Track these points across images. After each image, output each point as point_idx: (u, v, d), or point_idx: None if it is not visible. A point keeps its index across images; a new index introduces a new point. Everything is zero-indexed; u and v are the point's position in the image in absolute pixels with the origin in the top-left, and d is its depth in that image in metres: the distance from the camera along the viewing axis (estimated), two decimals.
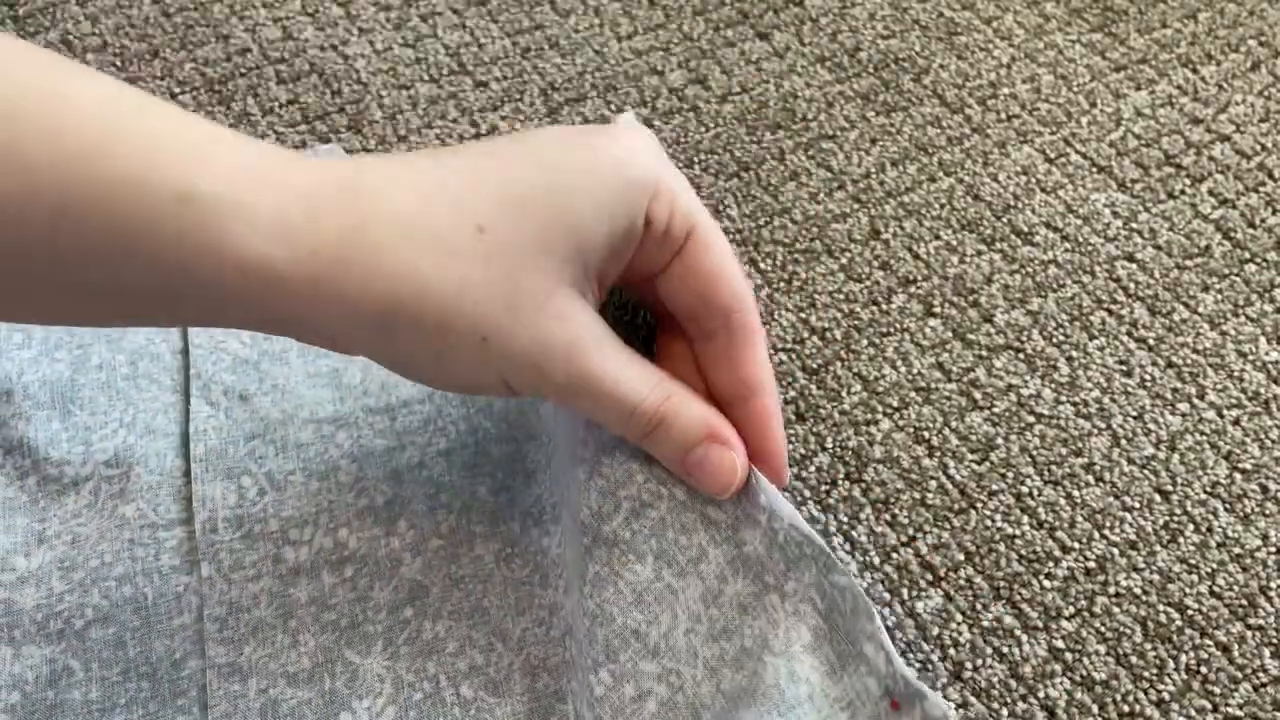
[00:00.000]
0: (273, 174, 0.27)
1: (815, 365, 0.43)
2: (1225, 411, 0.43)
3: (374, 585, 0.36)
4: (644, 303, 0.36)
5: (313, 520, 0.37)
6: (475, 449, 0.39)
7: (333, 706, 0.34)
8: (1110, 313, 0.46)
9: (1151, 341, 0.45)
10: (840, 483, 0.40)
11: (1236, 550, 0.39)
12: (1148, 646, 0.37)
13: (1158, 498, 0.40)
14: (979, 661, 0.36)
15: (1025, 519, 0.40)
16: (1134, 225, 0.49)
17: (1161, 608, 0.38)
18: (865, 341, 0.44)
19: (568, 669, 0.34)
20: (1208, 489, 0.41)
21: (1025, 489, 0.40)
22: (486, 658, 0.35)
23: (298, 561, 0.37)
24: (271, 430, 0.39)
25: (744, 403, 0.32)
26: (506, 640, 0.35)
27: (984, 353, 0.44)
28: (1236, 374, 0.44)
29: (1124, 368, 0.44)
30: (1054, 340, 0.45)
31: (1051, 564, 0.38)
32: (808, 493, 0.40)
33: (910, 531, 0.39)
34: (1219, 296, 0.46)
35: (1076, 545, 0.39)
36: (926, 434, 0.42)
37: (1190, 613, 0.38)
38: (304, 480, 0.38)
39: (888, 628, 0.36)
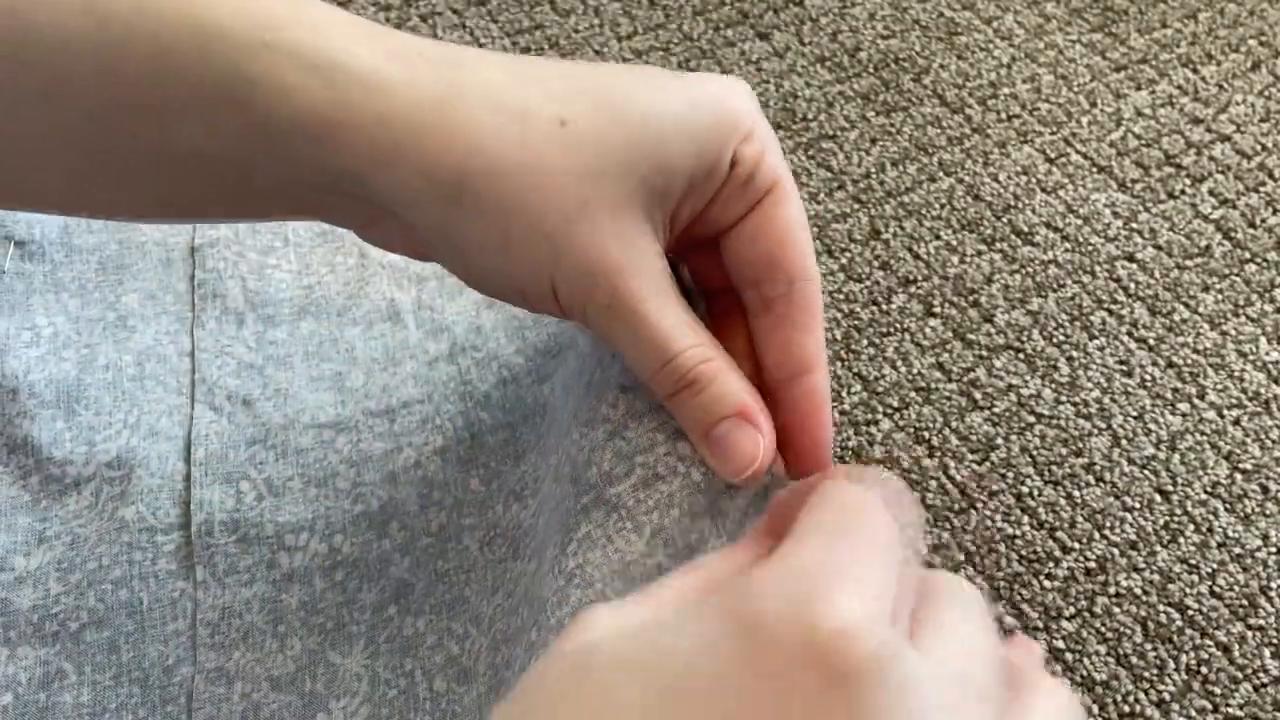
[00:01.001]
0: (372, 32, 0.27)
1: None
2: (1225, 411, 0.43)
3: (362, 587, 0.36)
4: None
5: (309, 526, 0.37)
6: (470, 442, 0.39)
7: (311, 708, 0.34)
8: (1110, 313, 0.46)
9: (1151, 341, 0.45)
10: None
11: (1237, 550, 0.39)
12: (1148, 646, 0.37)
13: (1158, 498, 0.40)
14: None
15: (1026, 519, 0.40)
16: (1134, 225, 0.49)
17: (1161, 608, 0.38)
18: (865, 341, 0.44)
19: (519, 634, 0.34)
20: (1208, 489, 0.40)
21: (1026, 489, 0.40)
22: (461, 646, 0.35)
23: (291, 567, 0.37)
24: (273, 435, 0.39)
25: (795, 381, 0.30)
26: (480, 623, 0.35)
27: (984, 353, 0.44)
28: (1236, 374, 0.44)
29: (1124, 368, 0.44)
30: (1054, 340, 0.45)
31: (1052, 564, 0.38)
32: None
33: None
34: (1219, 296, 0.46)
35: (1076, 545, 0.39)
36: (927, 434, 0.42)
37: (1190, 613, 0.37)
38: (302, 486, 0.38)
39: None
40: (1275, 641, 0.37)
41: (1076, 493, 0.40)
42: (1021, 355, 0.44)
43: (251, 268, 0.43)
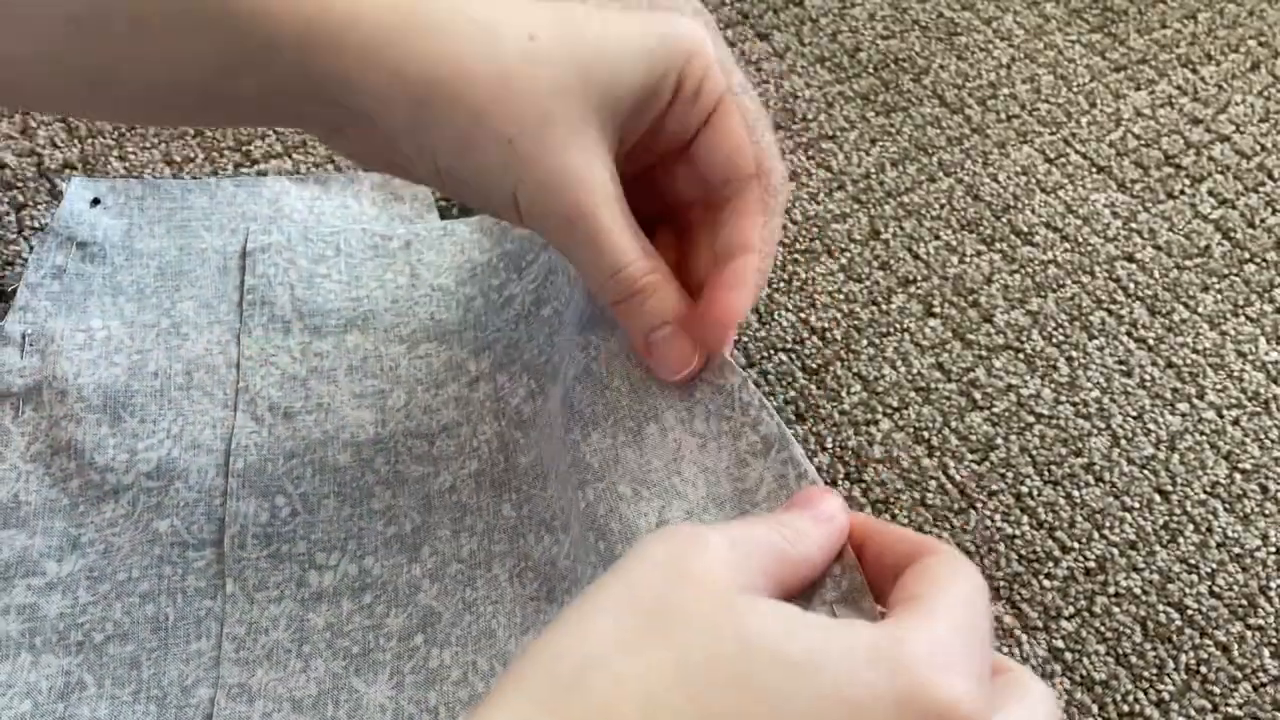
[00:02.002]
0: None
1: (815, 365, 0.43)
2: (1225, 411, 0.43)
3: (389, 612, 0.36)
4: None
5: (340, 546, 0.37)
6: (505, 465, 0.39)
7: None
8: (1110, 313, 0.46)
9: (1151, 341, 0.45)
10: (840, 483, 0.40)
11: (1236, 550, 0.39)
12: (1147, 646, 0.37)
13: (1157, 498, 0.40)
14: None
15: (1025, 519, 0.40)
16: (1134, 225, 0.49)
17: (1161, 608, 0.38)
18: (865, 341, 0.44)
19: None
20: (1207, 489, 0.41)
21: (1025, 489, 0.40)
22: (487, 684, 0.35)
23: (321, 586, 0.36)
24: (311, 450, 0.39)
25: (727, 260, 0.32)
26: (506, 662, 0.35)
27: (984, 353, 0.44)
28: (1236, 374, 0.44)
29: (1124, 368, 0.44)
30: (1054, 340, 0.45)
31: (1051, 564, 0.38)
32: None
33: None
34: (1219, 296, 0.46)
35: (1076, 545, 0.39)
36: (926, 434, 0.42)
37: (1190, 613, 0.38)
38: (337, 505, 0.38)
39: None
40: (1275, 641, 0.37)
41: (1076, 492, 0.40)
42: (1021, 355, 0.44)
43: (301, 275, 0.43)
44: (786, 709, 0.20)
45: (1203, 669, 0.36)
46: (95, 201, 0.45)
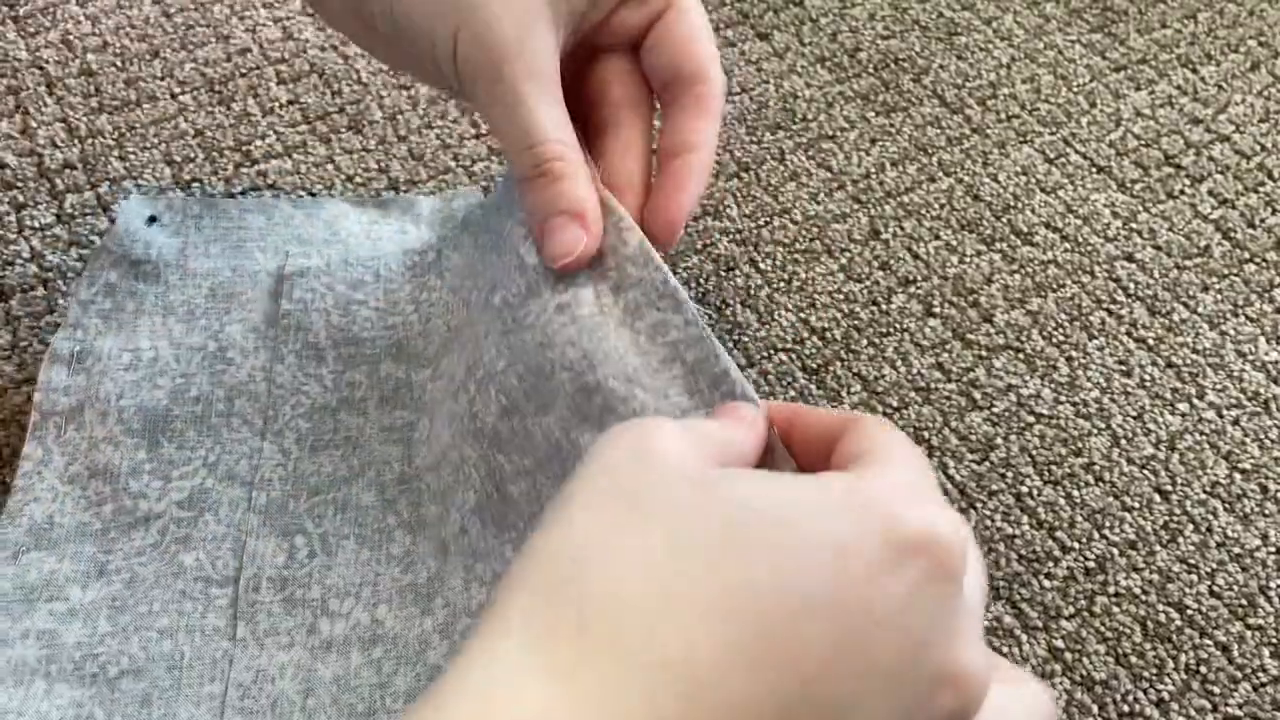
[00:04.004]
0: None
1: (815, 365, 0.43)
2: (1225, 411, 0.43)
3: (398, 670, 0.35)
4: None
5: (355, 593, 0.36)
6: (498, 496, 0.37)
7: None
8: (1110, 313, 0.46)
9: (1151, 341, 0.45)
10: None
11: (1236, 550, 0.39)
12: (1147, 646, 0.37)
13: (1157, 498, 0.40)
14: None
15: (1025, 519, 0.40)
16: (1134, 225, 0.49)
17: (1161, 607, 0.38)
18: (865, 341, 0.44)
19: None
20: (1207, 489, 0.41)
21: (1025, 489, 0.40)
22: None
23: (331, 635, 0.36)
24: (335, 487, 0.38)
25: (671, 160, 0.34)
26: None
27: (984, 353, 0.44)
28: (1236, 374, 0.44)
29: (1124, 368, 0.44)
30: (1054, 340, 0.45)
31: (1051, 564, 0.38)
32: None
33: None
34: (1218, 296, 0.47)
35: (1076, 545, 0.39)
36: (926, 434, 0.42)
37: (1190, 612, 0.38)
38: (356, 547, 0.37)
39: None
40: (1274, 641, 0.37)
41: (1076, 492, 0.40)
42: (1021, 355, 0.44)
43: (338, 302, 0.42)
44: (779, 559, 0.21)
45: (1203, 669, 0.36)
46: (152, 219, 0.44)
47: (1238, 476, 0.41)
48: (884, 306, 0.45)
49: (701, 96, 0.34)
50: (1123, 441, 0.42)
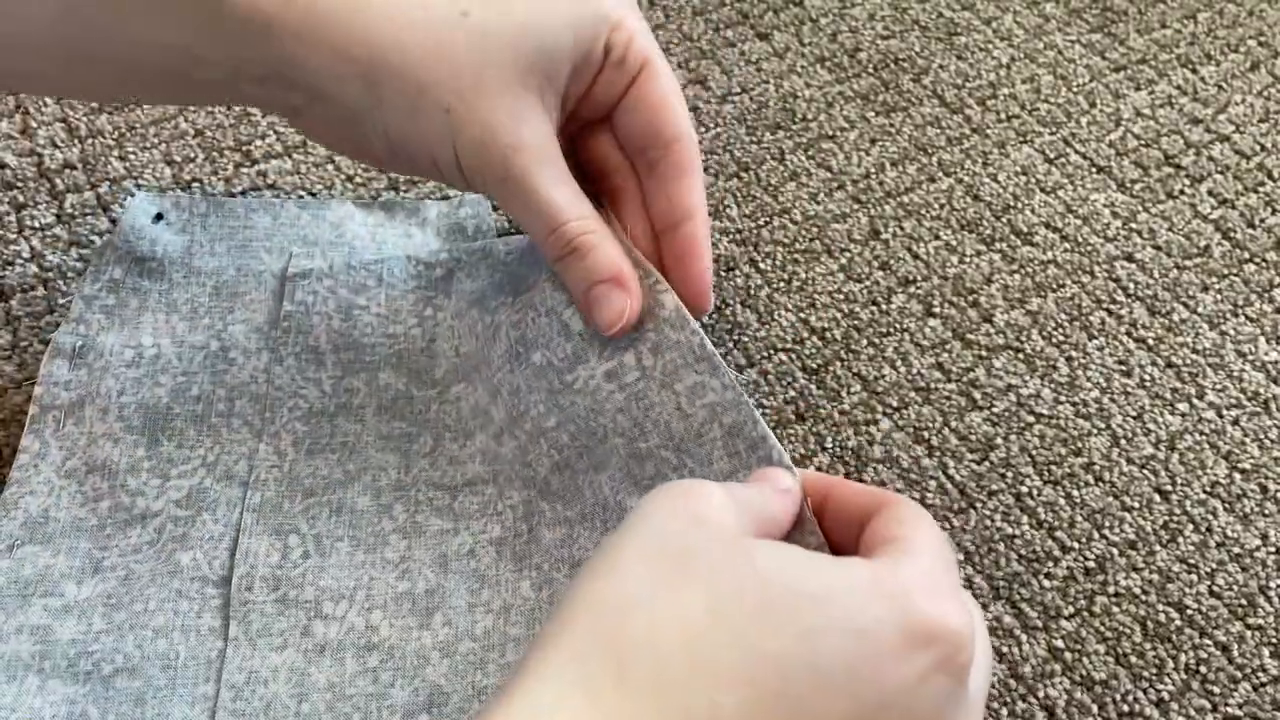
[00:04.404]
0: None
1: (815, 365, 0.43)
2: (1225, 411, 0.43)
3: (395, 682, 0.35)
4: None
5: (349, 595, 0.36)
6: (528, 536, 0.37)
7: None
8: (1110, 313, 0.46)
9: (1151, 341, 0.45)
10: None
11: (1236, 550, 0.39)
12: (1147, 646, 0.37)
13: (1157, 498, 0.40)
14: None
15: (1025, 519, 0.40)
16: (1134, 225, 0.49)
17: (1161, 607, 0.38)
18: (865, 341, 0.44)
19: None
20: (1207, 489, 0.41)
21: (1025, 489, 0.40)
22: None
23: (326, 638, 0.35)
24: (330, 490, 0.38)
25: (675, 229, 0.36)
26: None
27: (984, 353, 0.44)
28: (1236, 374, 0.44)
29: (1124, 368, 0.44)
30: (1054, 340, 0.45)
31: (1051, 564, 0.39)
32: None
33: None
34: (1218, 296, 0.47)
35: (1076, 545, 0.39)
36: (926, 434, 0.42)
37: (1190, 612, 0.38)
38: (350, 550, 0.37)
39: None
40: (1274, 641, 0.37)
41: (1075, 492, 0.40)
42: (1021, 355, 0.44)
43: (340, 306, 0.42)
44: (806, 634, 0.23)
45: (1202, 669, 0.36)
46: (158, 217, 0.44)
47: (1238, 476, 0.41)
48: (884, 306, 0.45)
49: (682, 157, 0.35)
50: (1123, 441, 0.42)
